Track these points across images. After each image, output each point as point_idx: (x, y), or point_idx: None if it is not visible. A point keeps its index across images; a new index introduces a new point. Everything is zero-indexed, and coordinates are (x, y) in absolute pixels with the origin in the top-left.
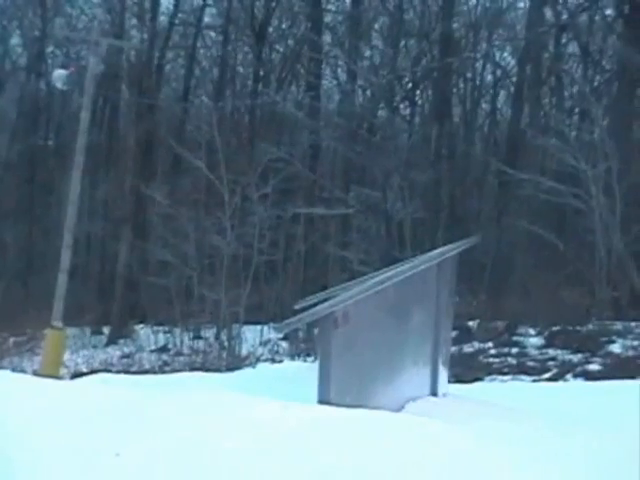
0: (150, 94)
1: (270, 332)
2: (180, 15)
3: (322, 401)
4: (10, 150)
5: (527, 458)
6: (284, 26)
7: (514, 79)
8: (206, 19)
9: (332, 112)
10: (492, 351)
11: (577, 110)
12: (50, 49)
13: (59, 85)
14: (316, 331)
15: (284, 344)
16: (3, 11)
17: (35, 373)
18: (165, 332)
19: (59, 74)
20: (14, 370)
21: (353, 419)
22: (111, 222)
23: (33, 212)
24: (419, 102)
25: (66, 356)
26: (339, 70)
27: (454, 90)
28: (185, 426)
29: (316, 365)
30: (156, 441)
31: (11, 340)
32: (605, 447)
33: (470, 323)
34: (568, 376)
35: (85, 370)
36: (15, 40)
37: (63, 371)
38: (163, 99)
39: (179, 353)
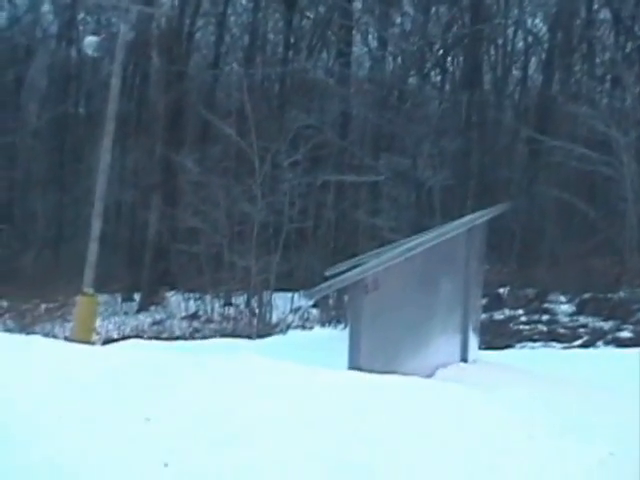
0: (180, 61)
1: (300, 299)
2: None
3: (352, 367)
4: (40, 118)
5: (559, 426)
6: None
7: (545, 46)
8: None
9: (362, 79)
10: (523, 318)
11: (609, 77)
12: (81, 16)
13: (90, 52)
14: (346, 298)
15: (314, 311)
16: None
17: (67, 339)
18: (196, 299)
19: (90, 41)
20: (46, 336)
21: (384, 385)
22: (141, 190)
23: (63, 180)
24: (450, 69)
25: (97, 323)
26: (370, 37)
27: (485, 57)
28: (215, 391)
29: (347, 332)
30: (186, 406)
31: (43, 307)
32: (635, 415)
33: (500, 290)
34: (599, 343)
35: (116, 336)
36: (46, 7)
37: (95, 337)
38: (193, 66)
39: (210, 320)
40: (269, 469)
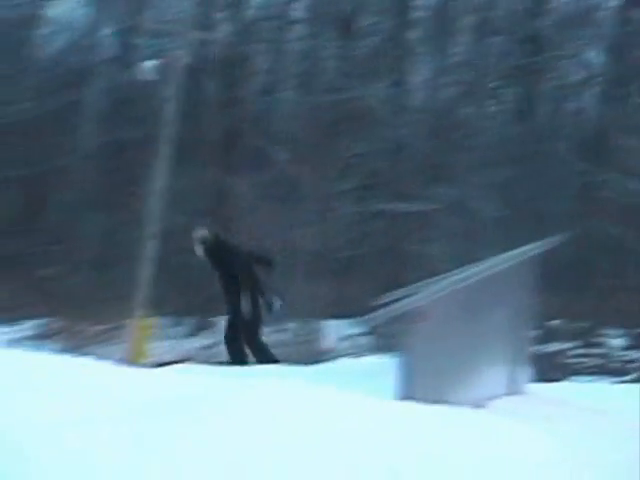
0: (235, 87)
1: (351, 327)
2: (268, 8)
3: (402, 397)
4: (96, 140)
5: (609, 462)
6: (370, 21)
7: (601, 78)
8: (293, 13)
9: (416, 108)
10: (574, 351)
11: None
12: (138, 40)
13: (146, 76)
14: (397, 327)
15: (365, 339)
16: (93, 2)
17: (119, 362)
18: None
19: (147, 65)
20: (98, 358)
21: (434, 415)
22: (193, 214)
23: (116, 202)
24: (503, 100)
25: (150, 346)
26: (424, 66)
27: (539, 88)
28: (263, 418)
29: (396, 361)
30: (235, 431)
31: (94, 329)
32: None
33: (552, 323)
34: None
35: (167, 360)
36: (104, 31)
37: (146, 360)
38: (248, 92)
39: None
40: None
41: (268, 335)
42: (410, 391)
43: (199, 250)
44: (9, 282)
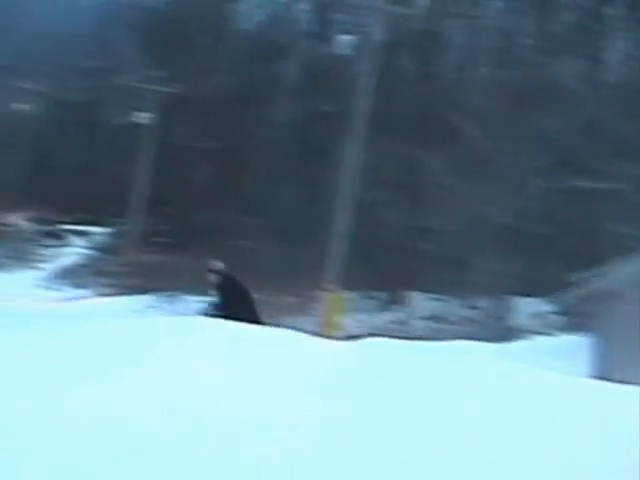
0: (430, 62)
1: (542, 305)
2: None
3: (596, 376)
4: (291, 112)
5: None
6: None
7: None
8: None
9: (613, 85)
10: None
11: None
12: (336, 15)
13: (342, 51)
14: (591, 306)
15: (557, 317)
16: None
17: (313, 333)
18: (437, 300)
19: (343, 40)
20: (290, 329)
21: (630, 395)
22: (386, 188)
23: (310, 174)
24: None
25: (342, 319)
26: (623, 43)
27: None
28: (452, 394)
29: (589, 340)
30: (421, 405)
31: (286, 300)
32: None
33: None
34: None
35: (358, 333)
36: (302, 6)
37: (338, 333)
38: (442, 67)
39: (450, 322)
40: (494, 468)
41: (457, 311)
42: (605, 371)
43: (212, 278)
44: (204, 252)
